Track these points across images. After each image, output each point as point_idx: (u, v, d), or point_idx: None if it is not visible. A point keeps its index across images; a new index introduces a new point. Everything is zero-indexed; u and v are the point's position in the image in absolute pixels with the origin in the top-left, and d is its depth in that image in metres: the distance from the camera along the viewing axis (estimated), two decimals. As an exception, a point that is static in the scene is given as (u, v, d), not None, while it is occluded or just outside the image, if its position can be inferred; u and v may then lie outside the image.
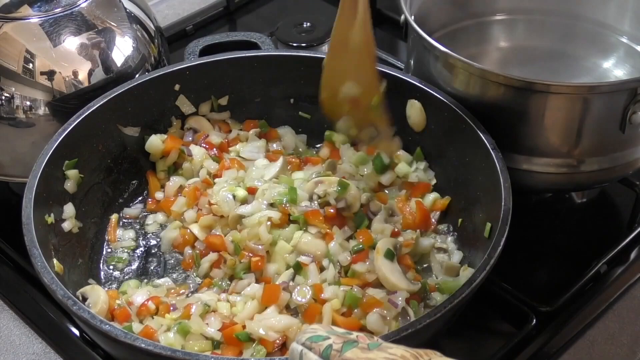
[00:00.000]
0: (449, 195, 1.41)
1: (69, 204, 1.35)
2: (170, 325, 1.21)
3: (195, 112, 1.53)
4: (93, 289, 1.25)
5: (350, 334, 0.88)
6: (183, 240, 1.38)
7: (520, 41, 1.68)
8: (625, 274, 1.41)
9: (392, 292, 1.23)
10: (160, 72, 1.47)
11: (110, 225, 1.43)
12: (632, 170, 1.43)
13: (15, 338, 1.33)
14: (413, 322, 1.09)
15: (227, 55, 1.52)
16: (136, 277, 1.36)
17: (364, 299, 1.22)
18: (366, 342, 0.87)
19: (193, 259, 1.36)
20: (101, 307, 1.22)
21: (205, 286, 1.31)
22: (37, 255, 1.17)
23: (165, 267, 1.38)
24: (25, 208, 1.23)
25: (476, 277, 1.14)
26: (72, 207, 1.35)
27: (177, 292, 1.31)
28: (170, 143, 1.47)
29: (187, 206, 1.41)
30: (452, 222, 1.40)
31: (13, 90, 1.41)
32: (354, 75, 1.36)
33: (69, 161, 1.35)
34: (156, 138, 1.47)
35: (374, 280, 1.27)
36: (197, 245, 1.37)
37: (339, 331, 0.88)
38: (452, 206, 1.41)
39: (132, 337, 1.08)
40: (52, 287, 1.14)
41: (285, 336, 1.19)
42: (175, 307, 1.25)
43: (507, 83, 1.31)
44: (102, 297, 1.23)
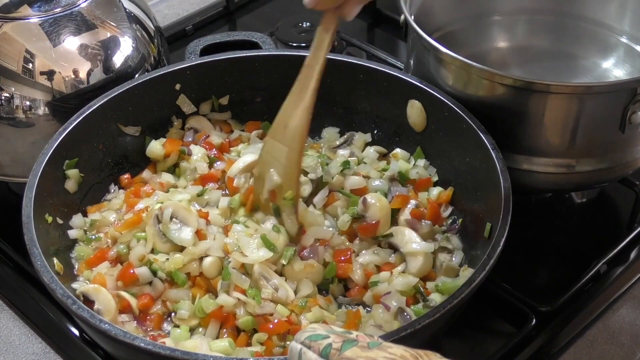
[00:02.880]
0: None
1: (78, 215, 1.36)
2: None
3: (196, 111, 1.53)
4: (96, 289, 1.25)
5: (350, 333, 0.88)
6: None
7: (520, 41, 1.68)
8: (625, 274, 1.41)
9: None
10: (161, 71, 1.47)
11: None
12: (632, 170, 1.43)
13: (15, 338, 1.33)
14: (413, 322, 1.09)
15: (228, 55, 1.52)
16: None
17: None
18: (366, 341, 0.87)
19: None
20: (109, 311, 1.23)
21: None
22: (37, 254, 1.17)
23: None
24: (25, 207, 1.23)
25: (476, 278, 1.13)
26: (82, 217, 1.36)
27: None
28: (169, 146, 1.47)
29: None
30: (455, 220, 1.39)
31: (13, 90, 1.41)
32: (279, 163, 1.32)
33: (69, 161, 1.35)
34: (156, 144, 1.47)
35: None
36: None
37: (338, 330, 0.88)
38: (453, 205, 1.41)
39: (131, 337, 1.08)
40: (51, 287, 1.14)
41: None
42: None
43: (507, 83, 1.31)
44: (112, 304, 1.23)
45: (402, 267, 1.30)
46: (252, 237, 1.29)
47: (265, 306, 1.22)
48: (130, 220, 1.34)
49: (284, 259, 1.27)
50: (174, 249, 1.30)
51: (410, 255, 1.31)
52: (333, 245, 1.32)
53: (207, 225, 1.34)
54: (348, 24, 1.98)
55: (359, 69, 1.48)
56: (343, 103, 1.53)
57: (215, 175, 1.43)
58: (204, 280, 1.28)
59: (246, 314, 1.23)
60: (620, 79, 1.58)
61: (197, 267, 1.28)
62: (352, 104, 1.52)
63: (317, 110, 1.52)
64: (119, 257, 1.32)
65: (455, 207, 1.40)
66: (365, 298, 1.28)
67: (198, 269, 1.28)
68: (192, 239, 1.30)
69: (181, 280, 1.27)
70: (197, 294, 1.26)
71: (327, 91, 1.52)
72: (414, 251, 1.30)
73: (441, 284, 1.27)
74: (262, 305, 1.22)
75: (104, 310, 1.22)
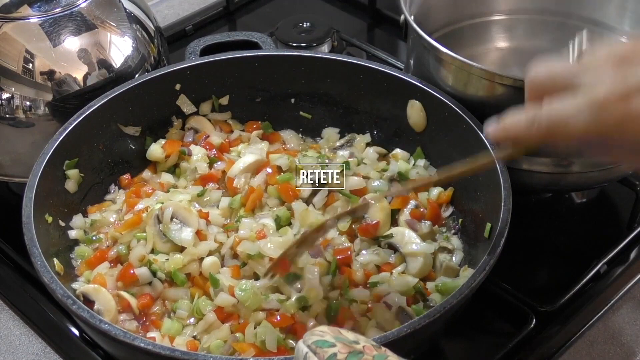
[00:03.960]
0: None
1: (78, 215, 1.36)
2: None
3: (196, 111, 1.53)
4: (96, 290, 1.25)
5: (358, 343, 0.87)
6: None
7: (520, 41, 1.68)
8: (625, 274, 1.41)
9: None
10: (161, 71, 1.47)
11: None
12: (632, 170, 1.43)
13: (15, 338, 1.33)
14: (413, 322, 1.09)
15: (228, 55, 1.51)
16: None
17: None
18: (372, 353, 0.86)
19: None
20: (109, 311, 1.23)
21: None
22: (37, 254, 1.17)
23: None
24: (25, 207, 1.23)
25: (476, 277, 1.13)
26: (82, 218, 1.36)
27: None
28: (169, 147, 1.47)
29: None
30: (456, 220, 1.40)
31: (13, 90, 1.41)
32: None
33: (69, 161, 1.35)
34: (156, 147, 1.47)
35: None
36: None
37: (346, 339, 0.87)
38: (453, 205, 1.41)
39: (131, 337, 1.08)
40: (51, 287, 1.14)
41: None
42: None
43: (507, 83, 1.31)
44: (112, 304, 1.23)
45: (402, 268, 1.30)
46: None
47: (271, 301, 1.23)
48: (131, 221, 1.34)
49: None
50: (174, 249, 1.30)
51: (410, 255, 1.31)
52: (334, 245, 1.32)
53: (208, 226, 1.34)
54: (348, 24, 2.00)
55: (359, 69, 1.48)
56: (343, 103, 1.53)
57: (216, 175, 1.43)
58: (203, 280, 1.28)
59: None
60: (620, 79, 1.57)
61: (197, 267, 1.28)
62: (352, 104, 1.52)
63: (317, 110, 1.53)
64: (118, 257, 1.32)
65: (455, 207, 1.40)
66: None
67: (198, 269, 1.28)
68: (193, 239, 1.30)
69: (180, 280, 1.27)
70: (195, 294, 1.26)
71: (327, 91, 1.52)
72: (414, 252, 1.30)
73: (441, 284, 1.26)
74: (269, 301, 1.23)
75: (104, 310, 1.22)
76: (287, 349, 1.17)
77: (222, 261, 1.30)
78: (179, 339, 1.22)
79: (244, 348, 1.18)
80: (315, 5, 2.05)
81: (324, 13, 2.00)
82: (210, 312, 1.23)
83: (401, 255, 1.32)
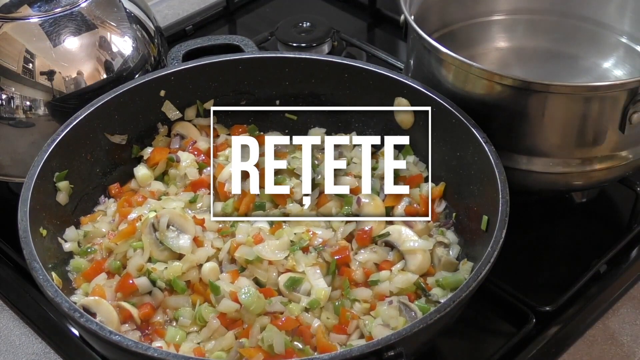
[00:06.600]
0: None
1: (71, 227, 1.35)
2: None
3: (182, 117, 1.51)
4: (96, 302, 1.23)
5: None
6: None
7: (520, 41, 1.68)
8: (625, 274, 1.41)
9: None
10: (145, 78, 1.45)
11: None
12: (632, 170, 1.43)
13: (15, 338, 1.33)
14: (425, 317, 1.09)
15: (212, 59, 1.50)
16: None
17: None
18: None
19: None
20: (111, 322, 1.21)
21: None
22: (38, 268, 1.15)
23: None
24: (21, 221, 1.21)
25: (482, 270, 1.14)
26: (75, 230, 1.35)
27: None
28: (156, 155, 1.46)
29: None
30: (449, 215, 1.39)
31: (13, 90, 1.41)
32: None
33: (59, 173, 1.33)
34: (142, 168, 1.45)
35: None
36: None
37: None
38: (446, 200, 1.40)
39: (143, 347, 1.06)
40: (56, 300, 1.11)
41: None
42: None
43: (506, 83, 1.31)
44: (113, 315, 1.22)
45: (401, 265, 1.31)
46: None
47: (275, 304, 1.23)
48: (125, 231, 1.32)
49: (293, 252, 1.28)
50: (172, 257, 1.29)
51: (409, 253, 1.31)
52: (331, 244, 1.32)
53: (204, 232, 1.34)
54: (348, 24, 2.00)
55: (342, 68, 1.47)
56: (328, 103, 1.51)
57: (206, 180, 1.42)
58: (204, 287, 1.27)
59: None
60: (620, 79, 1.58)
61: (196, 274, 1.28)
62: (338, 104, 1.51)
63: (302, 111, 1.52)
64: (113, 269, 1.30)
65: (448, 201, 1.40)
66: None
67: (197, 276, 1.28)
68: (191, 246, 1.29)
69: (180, 288, 1.26)
70: (196, 301, 1.26)
71: (312, 92, 1.52)
72: (413, 249, 1.30)
73: (442, 279, 1.27)
74: (272, 303, 1.23)
75: (107, 322, 1.20)
76: (295, 352, 1.17)
77: (220, 267, 1.30)
78: (185, 347, 1.21)
79: (252, 354, 1.17)
80: (315, 5, 2.05)
81: (324, 13, 2.00)
82: (214, 318, 1.22)
83: (399, 252, 1.32)
